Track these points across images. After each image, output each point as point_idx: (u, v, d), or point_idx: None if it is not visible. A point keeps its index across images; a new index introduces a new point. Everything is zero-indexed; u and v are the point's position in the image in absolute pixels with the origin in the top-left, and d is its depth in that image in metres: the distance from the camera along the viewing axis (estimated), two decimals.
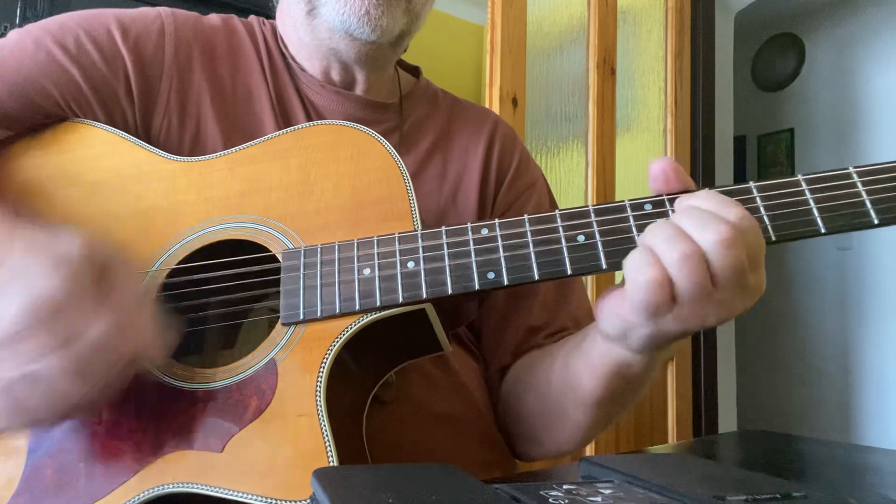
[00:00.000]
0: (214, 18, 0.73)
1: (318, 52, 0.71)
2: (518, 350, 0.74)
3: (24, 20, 1.31)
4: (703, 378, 2.30)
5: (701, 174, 2.34)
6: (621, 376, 0.54)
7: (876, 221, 0.46)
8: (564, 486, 0.36)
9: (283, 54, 0.73)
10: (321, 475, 0.36)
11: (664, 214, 0.48)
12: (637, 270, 0.44)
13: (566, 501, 0.33)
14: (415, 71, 0.84)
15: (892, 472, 0.63)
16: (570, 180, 1.97)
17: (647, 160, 2.21)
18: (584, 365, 0.57)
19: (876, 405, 3.15)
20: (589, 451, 1.59)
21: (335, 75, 0.73)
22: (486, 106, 1.70)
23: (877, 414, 3.14)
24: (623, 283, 0.47)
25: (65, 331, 0.41)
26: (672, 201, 0.48)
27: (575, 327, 0.76)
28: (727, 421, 2.51)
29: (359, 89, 0.73)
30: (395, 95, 0.78)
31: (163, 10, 0.69)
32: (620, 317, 0.47)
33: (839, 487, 0.56)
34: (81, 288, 0.42)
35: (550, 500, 0.34)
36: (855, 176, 0.47)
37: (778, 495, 0.35)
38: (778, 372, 3.46)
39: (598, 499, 0.34)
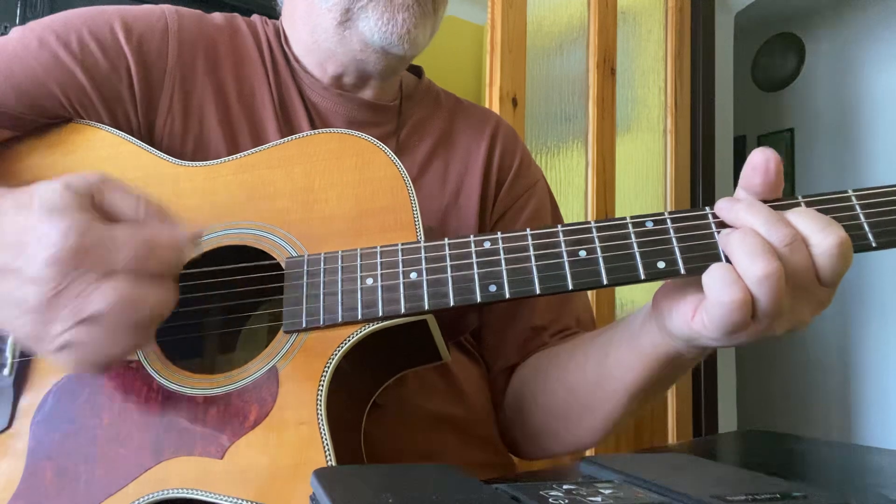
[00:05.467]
0: (218, 17, 0.72)
1: (338, 59, 0.70)
2: (525, 349, 0.74)
3: (24, 20, 1.31)
4: (703, 378, 2.30)
5: (701, 174, 2.34)
6: (670, 364, 0.54)
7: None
8: (564, 486, 0.36)
9: (285, 55, 0.72)
10: (321, 475, 0.36)
11: (665, 231, 0.48)
12: (721, 288, 0.43)
13: (566, 501, 0.33)
14: (417, 71, 0.84)
15: (892, 472, 0.63)
16: (570, 180, 1.97)
17: (647, 160, 2.21)
18: (631, 353, 0.57)
19: (876, 405, 3.14)
20: (589, 451, 1.59)
21: (347, 80, 0.72)
22: (486, 106, 1.70)
23: (877, 414, 3.14)
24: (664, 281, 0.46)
25: (95, 267, 0.40)
26: (675, 219, 0.48)
27: (577, 326, 0.76)
28: (727, 421, 2.51)
29: (367, 95, 0.73)
30: (397, 97, 0.78)
31: (167, 9, 0.68)
32: (692, 328, 0.47)
33: (839, 487, 0.56)
34: (84, 221, 0.41)
35: (550, 500, 0.34)
36: (854, 199, 0.47)
37: (778, 495, 0.35)
38: (778, 371, 3.46)
39: (598, 499, 0.34)
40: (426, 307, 0.49)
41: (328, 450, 0.45)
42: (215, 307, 0.56)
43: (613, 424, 0.64)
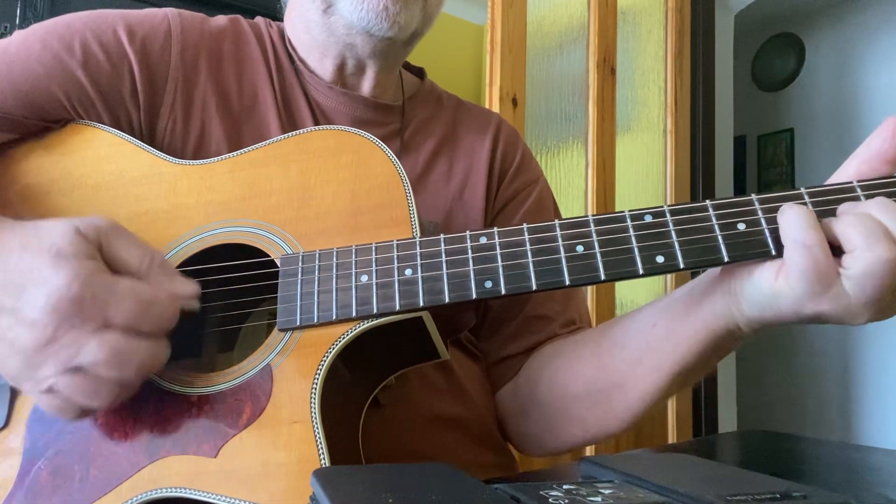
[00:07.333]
0: (221, 20, 0.72)
1: (333, 50, 0.71)
2: (533, 337, 0.73)
3: (25, 20, 1.31)
4: (703, 378, 2.30)
5: (701, 174, 2.34)
6: (723, 339, 0.53)
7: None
8: (564, 486, 0.36)
9: (290, 56, 0.73)
10: (321, 475, 0.36)
11: (664, 224, 0.47)
12: (800, 231, 0.43)
13: (566, 501, 0.33)
14: (419, 72, 0.85)
15: (892, 472, 0.63)
16: (570, 180, 1.97)
17: (647, 160, 2.21)
18: (685, 324, 0.55)
19: (876, 405, 3.14)
20: (589, 451, 1.59)
21: (347, 71, 0.73)
22: (486, 106, 1.71)
23: (877, 414, 3.14)
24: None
25: (93, 318, 0.41)
26: (674, 212, 0.47)
27: (580, 322, 0.76)
28: (727, 421, 2.51)
29: (367, 86, 0.73)
30: (400, 97, 0.78)
31: (169, 12, 0.68)
32: (773, 286, 0.45)
33: (839, 487, 0.56)
34: (89, 271, 0.42)
35: (550, 500, 0.34)
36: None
37: (778, 495, 0.34)
38: (778, 372, 3.46)
39: (598, 499, 0.34)
40: (421, 304, 0.49)
41: (322, 448, 0.45)
42: (211, 306, 0.56)
43: (648, 406, 0.61)
